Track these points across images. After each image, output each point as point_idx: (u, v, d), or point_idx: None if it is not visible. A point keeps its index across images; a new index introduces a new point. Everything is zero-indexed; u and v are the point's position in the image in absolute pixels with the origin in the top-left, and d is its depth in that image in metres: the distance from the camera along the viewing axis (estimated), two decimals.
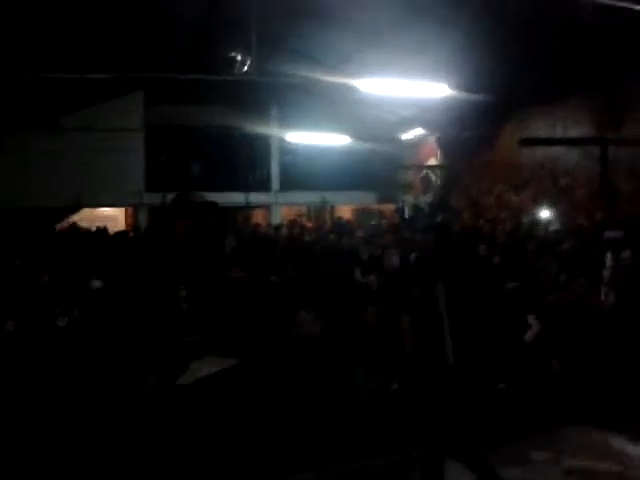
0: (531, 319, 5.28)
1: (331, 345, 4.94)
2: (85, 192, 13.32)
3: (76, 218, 15.40)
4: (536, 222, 9.33)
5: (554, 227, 8.70)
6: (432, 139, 13.03)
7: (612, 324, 5.59)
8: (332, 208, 17.10)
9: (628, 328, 5.38)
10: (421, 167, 13.73)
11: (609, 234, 6.83)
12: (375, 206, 15.51)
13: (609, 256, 6.59)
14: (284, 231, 11.46)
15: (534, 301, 5.79)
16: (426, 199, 13.17)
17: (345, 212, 16.95)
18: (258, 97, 12.55)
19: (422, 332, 3.85)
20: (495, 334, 4.86)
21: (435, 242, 4.24)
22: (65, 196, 13.15)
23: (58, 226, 14.58)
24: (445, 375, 3.52)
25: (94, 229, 12.08)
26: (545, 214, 9.30)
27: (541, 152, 9.37)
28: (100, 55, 9.68)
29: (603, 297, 6.03)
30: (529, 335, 5.14)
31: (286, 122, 13.70)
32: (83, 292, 5.80)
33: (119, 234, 12.07)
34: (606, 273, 6.51)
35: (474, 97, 8.55)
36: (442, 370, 3.55)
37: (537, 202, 9.57)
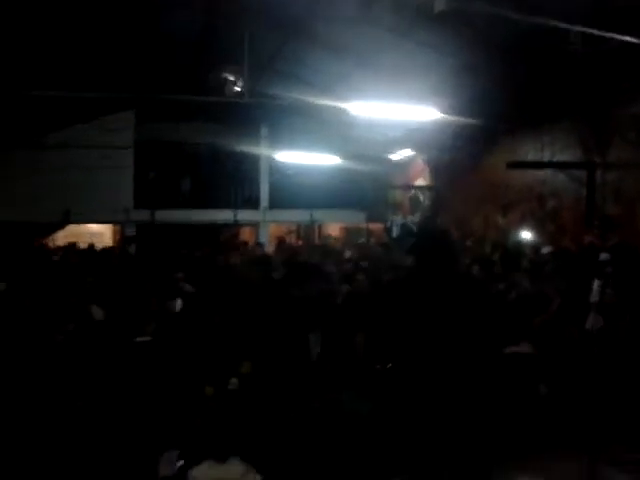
0: (523, 343, 5.28)
1: (328, 367, 4.95)
2: (73, 208, 13.29)
3: (62, 234, 15.35)
4: (523, 243, 9.43)
5: (541, 249, 8.78)
6: (420, 160, 13.15)
7: (600, 348, 5.63)
8: (320, 226, 17.15)
9: (616, 352, 5.42)
10: (409, 187, 13.83)
11: (601, 257, 6.89)
12: (364, 225, 15.57)
13: (596, 280, 6.65)
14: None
15: (525, 325, 5.80)
16: (414, 219, 13.27)
17: (334, 230, 17.02)
18: (249, 116, 12.63)
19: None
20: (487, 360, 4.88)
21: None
22: (53, 212, 13.11)
23: (46, 241, 14.58)
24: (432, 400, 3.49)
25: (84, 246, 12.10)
26: (532, 236, 9.40)
27: (529, 175, 9.49)
28: (92, 73, 9.71)
29: (591, 321, 6.06)
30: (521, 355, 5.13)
31: (276, 141, 13.78)
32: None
33: (106, 251, 12.04)
34: (593, 296, 6.57)
35: (461, 120, 8.66)
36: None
37: (524, 224, 9.67)
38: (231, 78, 9.30)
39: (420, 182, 13.41)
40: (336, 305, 6.11)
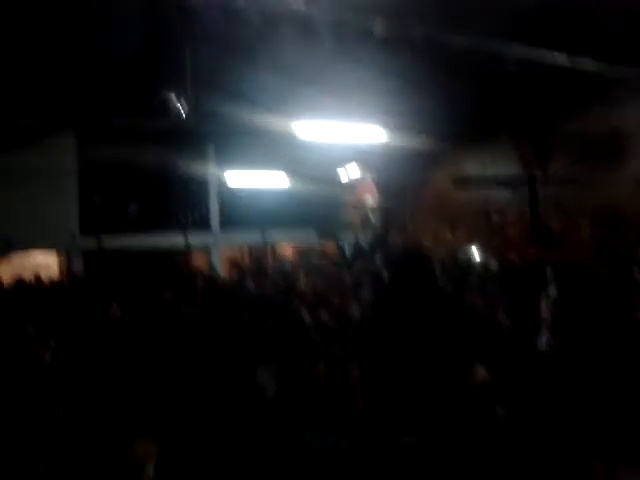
0: (476, 366, 5.21)
1: (286, 404, 4.80)
2: (15, 237, 12.77)
3: (7, 266, 14.72)
4: (470, 258, 9.56)
5: (489, 265, 8.90)
6: (369, 178, 13.23)
7: (552, 366, 5.67)
8: (274, 247, 16.99)
9: (568, 371, 5.46)
10: (359, 206, 13.88)
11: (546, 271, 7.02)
12: (317, 245, 15.51)
13: (543, 295, 6.77)
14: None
15: (478, 343, 5.79)
16: (365, 238, 13.30)
17: (287, 251, 16.89)
18: (195, 136, 12.47)
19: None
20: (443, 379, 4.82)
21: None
22: None
23: None
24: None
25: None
26: (479, 252, 9.53)
27: (474, 191, 9.67)
28: (28, 96, 9.41)
29: (543, 340, 6.13)
30: (475, 382, 5.06)
31: (224, 161, 13.63)
32: None
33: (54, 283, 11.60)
34: (543, 312, 6.66)
35: (408, 139, 8.76)
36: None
37: (471, 239, 9.81)
38: (174, 99, 9.15)
39: (370, 201, 13.48)
40: (294, 333, 5.96)
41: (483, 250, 9.52)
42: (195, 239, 14.80)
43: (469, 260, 9.61)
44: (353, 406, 4.46)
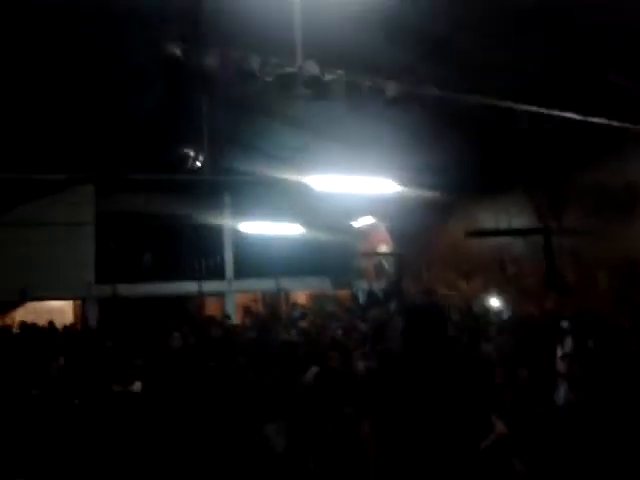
0: (494, 418, 5.11)
1: (296, 460, 4.73)
2: (31, 285, 12.92)
3: (22, 312, 14.86)
4: (487, 309, 9.49)
5: (504, 315, 8.83)
6: (382, 227, 13.30)
7: (570, 420, 5.55)
8: (287, 294, 17.01)
9: (587, 425, 5.34)
10: (373, 254, 13.92)
11: (563, 325, 6.94)
12: (330, 292, 15.51)
13: (560, 347, 6.67)
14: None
15: (494, 396, 5.69)
16: (380, 285, 13.29)
17: (300, 297, 16.88)
18: (211, 186, 12.67)
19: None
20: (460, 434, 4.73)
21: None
22: (10, 289, 12.71)
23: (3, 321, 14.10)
24: None
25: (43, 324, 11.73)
26: (495, 302, 9.46)
27: (488, 241, 9.65)
28: (51, 150, 9.66)
29: (561, 395, 6.01)
30: (492, 437, 4.95)
31: (239, 211, 13.79)
32: None
33: (67, 330, 11.69)
34: (560, 365, 6.56)
35: (421, 191, 8.83)
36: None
37: (487, 290, 9.75)
38: (192, 153, 9.35)
39: (383, 249, 13.52)
40: (304, 388, 5.89)
41: (498, 300, 9.46)
42: (210, 287, 14.90)
43: (485, 310, 9.55)
44: (365, 462, 4.38)
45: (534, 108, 5.47)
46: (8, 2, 5.03)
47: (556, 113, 5.51)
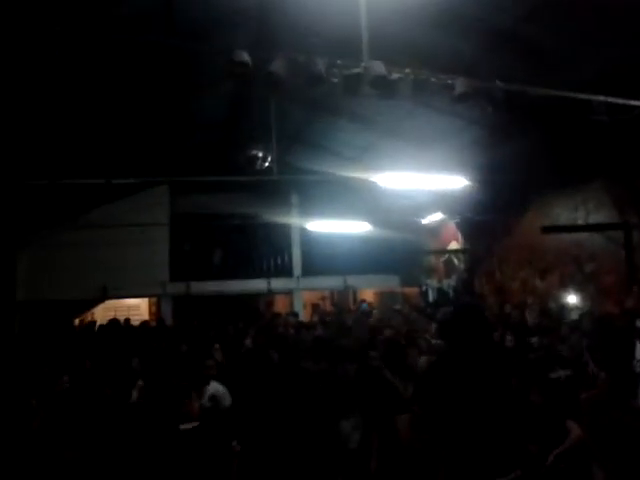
0: (570, 423, 4.92)
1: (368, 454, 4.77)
2: (110, 284, 13.53)
3: (100, 307, 15.62)
4: (565, 307, 9.15)
5: (582, 313, 8.48)
6: (452, 223, 13.06)
7: None
8: (355, 292, 17.03)
9: None
10: (443, 251, 13.70)
11: (638, 324, 6.61)
12: (398, 289, 15.40)
13: (638, 347, 6.36)
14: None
15: (571, 398, 5.49)
16: (450, 283, 13.07)
17: (368, 295, 16.86)
18: (279, 186, 12.83)
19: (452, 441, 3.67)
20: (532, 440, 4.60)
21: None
22: (90, 288, 13.36)
23: (84, 317, 14.85)
24: None
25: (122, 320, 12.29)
26: (572, 300, 9.11)
27: (565, 237, 9.28)
28: (127, 154, 10.06)
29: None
30: (568, 442, 4.78)
31: (307, 209, 13.92)
32: None
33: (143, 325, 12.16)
34: (637, 366, 6.26)
35: (492, 188, 8.62)
36: None
37: (563, 288, 9.40)
38: (260, 154, 9.50)
39: (453, 246, 13.28)
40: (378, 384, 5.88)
41: (575, 299, 9.11)
42: (278, 284, 15.13)
43: (561, 309, 9.22)
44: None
45: (611, 99, 5.22)
46: (87, 13, 5.27)
47: (634, 103, 5.24)
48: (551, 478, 4.61)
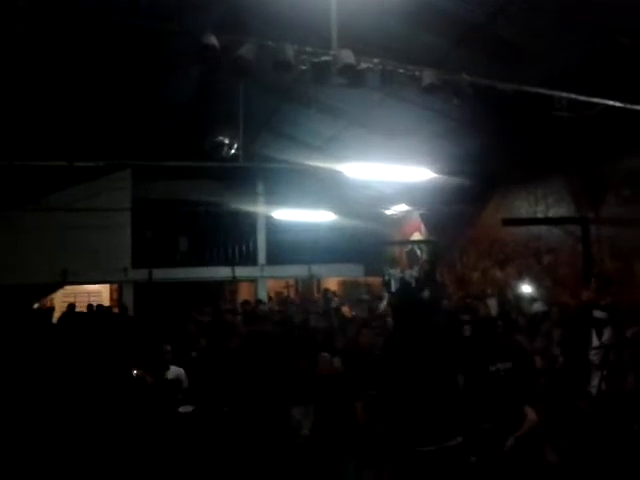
0: (526, 408, 5.09)
1: (322, 441, 4.81)
2: (70, 269, 13.27)
3: (60, 293, 15.32)
4: (521, 298, 9.38)
5: (539, 304, 8.72)
6: (416, 214, 13.22)
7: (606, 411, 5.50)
8: (319, 280, 17.11)
9: (622, 416, 5.29)
10: (406, 242, 13.86)
11: (596, 314, 6.84)
12: (362, 279, 15.54)
13: (594, 336, 6.60)
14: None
15: (527, 386, 5.65)
16: (412, 273, 13.23)
17: (332, 284, 16.96)
18: (245, 174, 12.77)
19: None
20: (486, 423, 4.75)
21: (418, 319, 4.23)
22: (50, 273, 13.08)
23: (43, 302, 14.53)
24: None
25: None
26: (530, 291, 9.35)
27: (524, 230, 9.51)
28: (89, 137, 9.86)
29: (595, 383, 5.96)
30: (525, 427, 4.95)
31: (272, 197, 13.90)
32: None
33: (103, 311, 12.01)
34: (593, 355, 6.49)
35: (456, 179, 8.75)
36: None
37: (522, 279, 9.64)
38: (226, 141, 9.42)
39: (416, 237, 13.46)
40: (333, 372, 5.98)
41: (533, 290, 9.34)
42: (243, 272, 15.10)
43: (518, 299, 9.44)
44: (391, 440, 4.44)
45: (573, 95, 5.35)
46: None
47: (596, 100, 5.38)
48: (509, 459, 4.79)
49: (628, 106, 5.53)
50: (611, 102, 5.51)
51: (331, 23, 4.85)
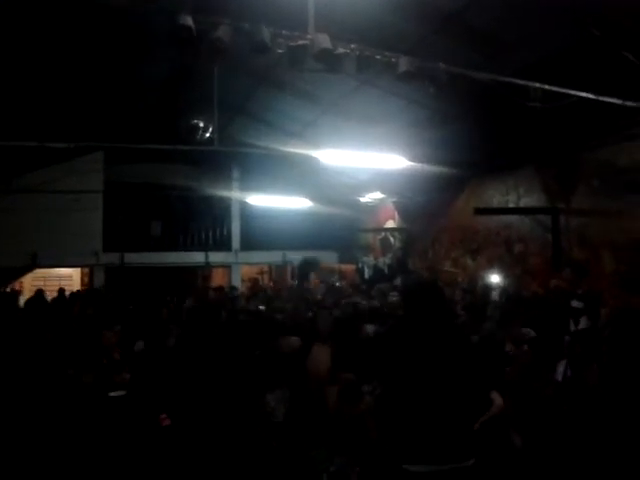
0: (493, 394, 5.19)
1: (294, 427, 4.84)
2: (41, 252, 13.06)
3: (30, 277, 15.07)
4: (490, 287, 9.51)
5: (509, 293, 8.85)
6: (390, 202, 13.29)
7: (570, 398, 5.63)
8: (293, 267, 17.12)
9: (585, 403, 5.42)
10: (380, 229, 13.94)
11: (573, 304, 6.96)
12: (336, 266, 15.60)
13: (572, 325, 6.73)
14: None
15: (495, 372, 5.76)
16: (385, 260, 13.33)
17: None
18: (219, 158, 12.66)
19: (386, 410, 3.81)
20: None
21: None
22: (20, 256, 12.86)
23: (12, 286, 14.27)
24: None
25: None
26: (500, 280, 9.49)
27: (496, 219, 9.65)
28: (60, 117, 9.67)
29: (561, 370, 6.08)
30: (492, 410, 5.04)
31: (247, 183, 13.84)
32: None
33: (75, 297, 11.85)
34: (564, 342, 6.62)
35: (430, 167, 8.82)
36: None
37: (492, 267, 9.78)
38: (201, 124, 9.34)
39: (390, 224, 13.54)
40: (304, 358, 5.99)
41: (502, 278, 9.49)
42: (217, 258, 15.04)
43: (487, 288, 9.57)
44: (365, 430, 4.49)
45: (547, 86, 5.43)
46: None
47: (569, 91, 5.47)
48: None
49: (600, 98, 5.63)
50: (584, 94, 5.61)
51: (308, 7, 4.83)
